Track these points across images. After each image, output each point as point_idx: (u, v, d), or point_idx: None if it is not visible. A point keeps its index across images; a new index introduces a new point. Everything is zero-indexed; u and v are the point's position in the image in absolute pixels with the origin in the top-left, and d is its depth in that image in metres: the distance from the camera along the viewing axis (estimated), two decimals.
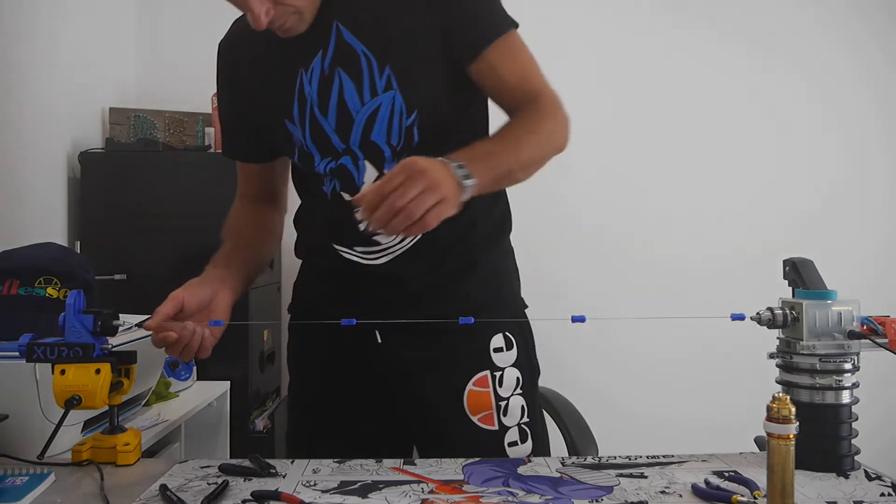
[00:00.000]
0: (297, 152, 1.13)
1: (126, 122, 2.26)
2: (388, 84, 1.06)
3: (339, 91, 1.07)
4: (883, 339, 1.02)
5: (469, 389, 1.14)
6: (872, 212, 2.73)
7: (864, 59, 2.69)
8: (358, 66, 1.06)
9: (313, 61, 1.07)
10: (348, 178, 1.10)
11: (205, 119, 2.29)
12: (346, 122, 1.08)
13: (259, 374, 2.14)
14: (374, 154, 1.09)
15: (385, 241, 1.11)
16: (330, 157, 1.10)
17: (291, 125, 1.11)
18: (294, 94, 1.09)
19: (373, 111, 1.07)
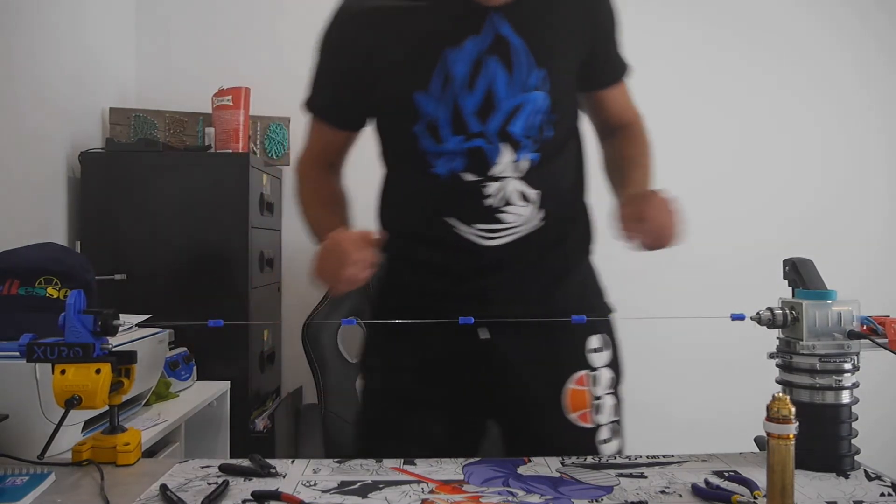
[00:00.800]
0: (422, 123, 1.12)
1: (126, 122, 2.26)
2: (541, 84, 1.11)
3: (489, 78, 1.09)
4: (883, 339, 1.02)
5: (569, 388, 1.17)
6: (872, 212, 2.73)
7: (864, 60, 2.69)
8: (514, 57, 1.09)
9: (465, 42, 1.08)
10: (481, 160, 1.11)
11: (205, 119, 2.29)
12: (488, 107, 1.10)
13: (259, 374, 2.14)
14: (510, 141, 1.11)
15: (510, 221, 1.13)
16: (462, 137, 1.11)
17: (424, 98, 1.10)
18: (434, 69, 1.09)
19: (518, 104, 1.11)
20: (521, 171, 1.13)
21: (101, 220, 2.04)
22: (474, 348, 1.17)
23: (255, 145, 2.36)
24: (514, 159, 1.12)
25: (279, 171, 2.44)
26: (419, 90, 1.10)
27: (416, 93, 1.10)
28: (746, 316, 1.06)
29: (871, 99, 2.70)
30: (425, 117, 1.11)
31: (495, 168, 1.12)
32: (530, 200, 1.13)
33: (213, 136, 2.22)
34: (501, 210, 1.12)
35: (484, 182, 1.11)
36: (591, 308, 1.21)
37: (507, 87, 1.10)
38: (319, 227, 1.18)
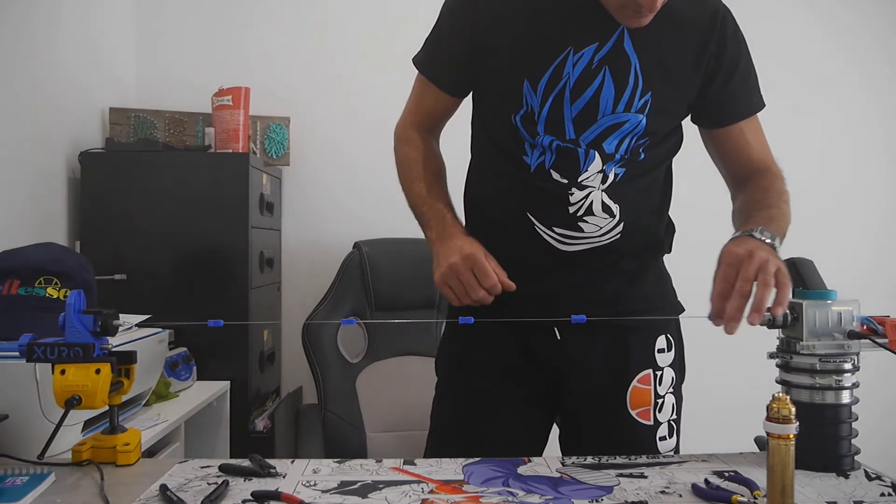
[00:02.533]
0: (522, 111, 1.12)
1: (126, 122, 2.26)
2: (643, 107, 1.11)
3: (598, 88, 1.10)
4: (883, 339, 1.02)
5: (633, 386, 1.20)
6: (872, 212, 2.73)
7: (863, 60, 2.69)
8: (626, 76, 1.10)
9: (587, 48, 1.09)
10: (572, 163, 1.12)
11: (205, 119, 2.29)
12: (587, 118, 1.11)
13: (259, 374, 2.14)
14: (601, 155, 1.13)
15: (588, 231, 1.14)
16: (555, 137, 1.12)
17: (529, 88, 1.11)
18: (551, 64, 1.09)
19: (617, 123, 1.11)
20: (606, 184, 1.14)
21: (101, 220, 2.04)
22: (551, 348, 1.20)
23: (255, 145, 2.36)
24: (603, 171, 1.13)
25: (279, 171, 2.44)
26: (529, 78, 1.11)
27: (526, 80, 1.11)
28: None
29: (870, 99, 2.70)
30: (527, 107, 1.12)
31: (583, 175, 1.13)
32: (611, 214, 1.15)
33: (213, 135, 2.22)
34: (582, 219, 1.14)
35: (570, 188, 1.13)
36: (669, 304, 1.25)
37: (612, 103, 1.10)
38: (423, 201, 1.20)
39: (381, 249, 2.16)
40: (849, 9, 2.68)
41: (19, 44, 1.83)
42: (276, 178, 2.40)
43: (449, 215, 1.18)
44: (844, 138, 2.73)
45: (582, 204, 1.13)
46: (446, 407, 1.29)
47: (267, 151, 2.39)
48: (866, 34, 2.68)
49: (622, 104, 1.11)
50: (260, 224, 2.16)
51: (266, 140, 2.39)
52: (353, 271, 2.11)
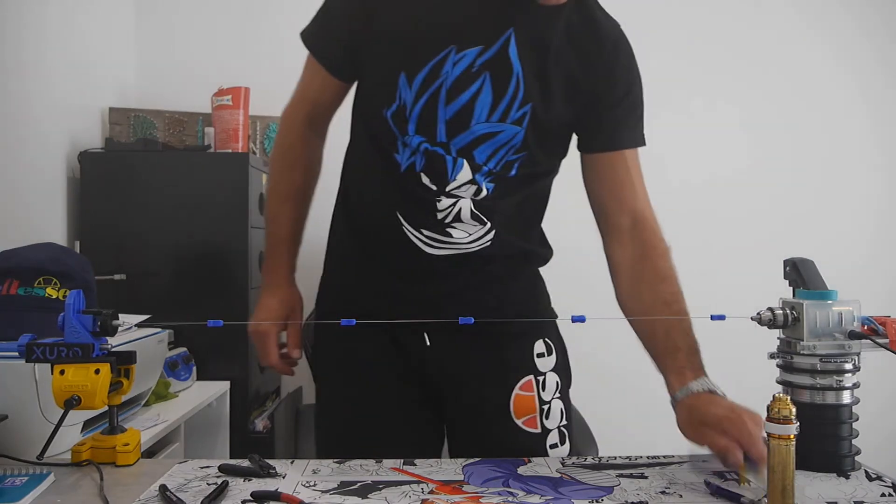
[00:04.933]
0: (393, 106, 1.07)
1: (126, 122, 2.26)
2: (521, 119, 1.07)
3: (475, 92, 1.05)
4: (884, 340, 1.01)
5: (516, 393, 1.16)
6: (872, 212, 2.73)
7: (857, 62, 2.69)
8: (506, 84, 1.05)
9: (470, 49, 1.04)
10: (439, 168, 1.08)
11: (205, 119, 2.29)
12: (461, 123, 1.06)
13: (259, 374, 2.14)
14: (471, 162, 1.08)
15: (457, 237, 1.11)
16: (426, 139, 1.07)
17: (405, 81, 1.05)
18: (430, 61, 1.04)
19: (491, 132, 1.07)
20: (478, 196, 1.10)
21: (101, 220, 2.04)
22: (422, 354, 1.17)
23: (254, 145, 2.36)
24: (474, 181, 1.09)
25: None
26: (406, 71, 1.05)
27: (403, 72, 1.05)
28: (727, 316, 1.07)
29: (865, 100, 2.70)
30: (399, 101, 1.07)
31: (452, 184, 1.09)
32: (481, 222, 1.11)
33: (212, 135, 2.22)
34: (451, 225, 1.10)
35: (438, 195, 1.09)
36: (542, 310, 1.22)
37: (487, 111, 1.06)
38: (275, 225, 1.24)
39: None
40: (845, 13, 2.68)
41: (19, 44, 1.83)
42: None
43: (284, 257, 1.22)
44: (842, 140, 2.73)
45: (450, 211, 1.09)
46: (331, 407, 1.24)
47: (267, 151, 2.39)
48: (862, 38, 2.68)
49: (498, 113, 1.06)
50: (260, 224, 2.16)
51: (266, 140, 2.39)
52: None
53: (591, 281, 1.42)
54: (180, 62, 2.51)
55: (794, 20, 2.69)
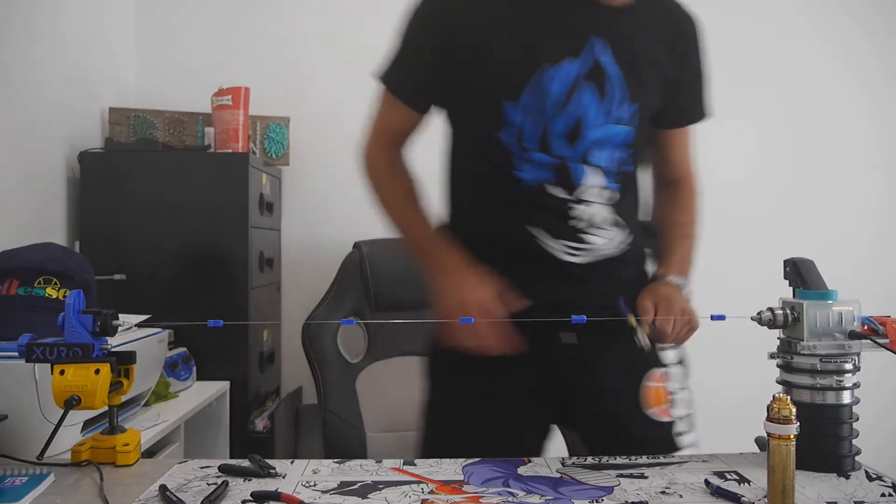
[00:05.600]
0: (503, 130, 1.10)
1: (126, 122, 2.26)
2: (629, 118, 1.11)
3: (579, 104, 1.08)
4: (884, 340, 1.01)
5: (645, 385, 1.20)
6: (872, 212, 2.73)
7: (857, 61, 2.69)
8: (606, 89, 1.09)
9: (563, 61, 1.07)
10: (565, 177, 1.10)
11: (205, 119, 2.29)
12: (573, 133, 1.09)
13: (259, 374, 2.14)
14: (593, 167, 1.12)
15: (596, 242, 1.14)
16: (546, 154, 1.10)
17: (511, 107, 1.08)
18: (528, 82, 1.07)
19: (605, 135, 1.11)
20: (606, 199, 1.14)
21: (101, 220, 2.04)
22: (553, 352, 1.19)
23: (254, 145, 2.36)
24: (603, 185, 1.13)
25: (279, 170, 2.44)
26: (508, 98, 1.08)
27: (504, 98, 1.08)
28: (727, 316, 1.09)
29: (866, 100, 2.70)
30: (511, 126, 1.10)
31: (581, 190, 1.12)
32: (617, 225, 1.16)
33: (212, 135, 2.22)
34: (587, 232, 1.13)
35: (570, 203, 1.12)
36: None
37: (596, 117, 1.09)
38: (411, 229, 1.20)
39: (381, 249, 2.16)
40: (845, 13, 2.68)
41: (19, 43, 1.83)
42: (276, 178, 2.40)
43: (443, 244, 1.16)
44: (842, 140, 2.73)
45: (584, 217, 1.13)
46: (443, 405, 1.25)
47: (267, 151, 2.39)
48: (863, 38, 2.68)
49: (606, 117, 1.10)
50: (260, 224, 2.16)
51: (266, 140, 2.39)
52: (353, 271, 2.11)
53: None
54: (180, 62, 2.51)
55: (794, 20, 2.69)
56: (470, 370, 1.18)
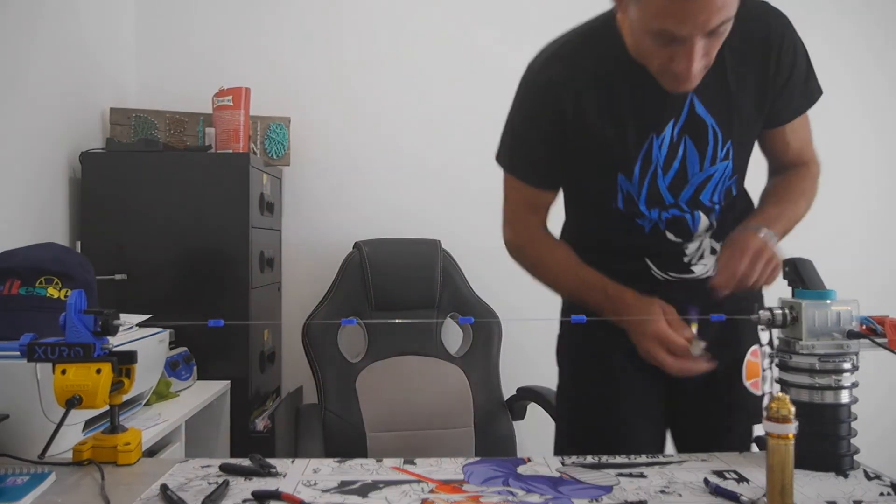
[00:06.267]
0: (619, 198, 1.20)
1: (126, 122, 2.26)
2: (727, 155, 1.18)
3: (682, 157, 1.16)
4: (882, 339, 1.02)
5: (747, 360, 1.24)
6: (872, 212, 2.73)
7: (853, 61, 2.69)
8: (705, 137, 1.16)
9: (665, 128, 1.14)
10: (682, 226, 1.21)
11: (205, 119, 2.29)
12: (680, 182, 1.18)
13: (259, 374, 2.14)
14: (701, 208, 1.21)
15: (699, 272, 1.24)
16: (658, 208, 1.20)
17: (624, 179, 1.18)
18: (639, 155, 1.16)
19: (707, 177, 1.19)
20: (712, 233, 1.23)
21: (101, 220, 2.04)
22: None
23: (255, 145, 2.36)
24: (709, 224, 1.22)
25: (279, 171, 2.44)
26: (622, 172, 1.17)
27: (620, 173, 1.17)
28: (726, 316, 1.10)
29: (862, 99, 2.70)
30: (624, 193, 1.19)
31: (695, 234, 1.22)
32: (714, 252, 1.24)
33: (213, 136, 2.22)
34: (694, 264, 1.24)
35: (684, 244, 1.22)
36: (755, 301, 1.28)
37: (698, 164, 1.17)
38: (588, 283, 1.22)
39: (381, 249, 2.16)
40: (842, 15, 2.68)
41: (19, 44, 1.83)
42: (276, 178, 2.40)
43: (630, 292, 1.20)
44: (841, 140, 2.73)
45: (696, 253, 1.24)
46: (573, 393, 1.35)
47: (267, 151, 2.39)
48: (860, 40, 2.68)
49: (707, 161, 1.17)
50: (260, 224, 2.16)
51: (266, 140, 2.39)
52: (353, 271, 2.11)
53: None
54: (180, 62, 2.51)
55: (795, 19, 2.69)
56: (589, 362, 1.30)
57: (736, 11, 1.01)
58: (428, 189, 2.52)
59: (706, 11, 0.95)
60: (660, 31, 0.99)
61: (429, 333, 2.14)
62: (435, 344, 2.15)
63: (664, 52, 1.02)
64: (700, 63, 1.01)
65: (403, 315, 2.11)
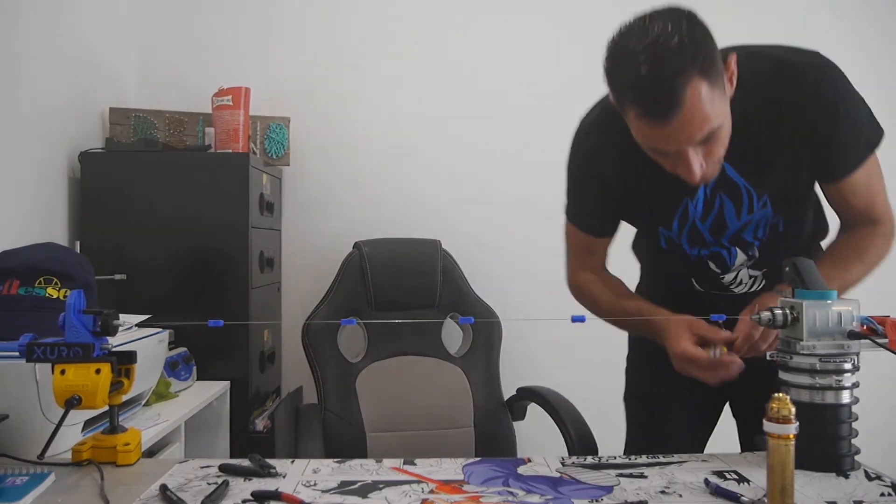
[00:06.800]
0: (663, 241, 1.31)
1: (126, 122, 2.26)
2: (764, 205, 1.22)
3: (719, 209, 1.24)
4: (883, 339, 1.02)
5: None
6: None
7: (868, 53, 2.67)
8: (738, 194, 1.22)
9: (698, 192, 1.22)
10: (721, 260, 1.30)
11: (205, 119, 2.29)
12: (720, 227, 1.25)
13: (259, 374, 2.14)
14: (742, 245, 1.27)
15: (739, 290, 1.33)
16: (700, 247, 1.29)
17: (664, 230, 1.29)
18: (676, 213, 1.25)
19: (745, 223, 1.25)
20: (751, 263, 1.30)
21: (101, 220, 2.04)
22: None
23: (255, 145, 2.36)
24: (747, 258, 1.29)
25: (279, 171, 2.44)
26: (662, 226, 1.29)
27: (660, 226, 1.29)
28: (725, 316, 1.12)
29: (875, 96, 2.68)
30: (665, 239, 1.31)
31: (731, 267, 1.30)
32: (752, 278, 1.32)
33: (213, 136, 2.22)
34: (734, 285, 1.33)
35: (722, 274, 1.31)
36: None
37: (735, 215, 1.23)
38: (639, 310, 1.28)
39: (381, 249, 2.16)
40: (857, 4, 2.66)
41: (19, 43, 1.83)
42: (276, 178, 2.40)
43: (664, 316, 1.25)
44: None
45: (731, 280, 1.32)
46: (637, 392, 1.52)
47: (267, 151, 2.39)
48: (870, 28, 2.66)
49: (744, 213, 1.23)
50: (260, 224, 2.16)
51: (266, 140, 2.39)
52: (353, 271, 2.11)
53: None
54: (180, 62, 2.51)
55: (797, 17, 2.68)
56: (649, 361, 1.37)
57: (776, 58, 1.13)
58: (428, 189, 2.52)
59: (687, 130, 1.01)
60: (652, 149, 1.09)
61: (429, 333, 2.14)
62: (435, 344, 2.15)
63: (666, 161, 1.10)
64: (701, 166, 1.07)
65: (403, 315, 2.11)
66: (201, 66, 2.49)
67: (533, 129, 2.47)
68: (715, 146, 1.06)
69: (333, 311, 2.04)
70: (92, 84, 2.23)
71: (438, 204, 2.51)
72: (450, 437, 2.04)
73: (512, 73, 2.52)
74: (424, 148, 2.53)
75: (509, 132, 2.49)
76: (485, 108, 2.52)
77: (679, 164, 1.07)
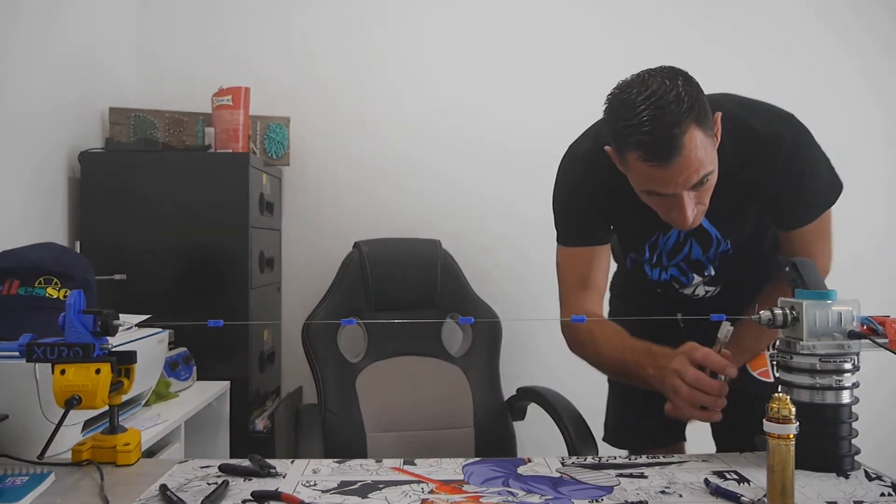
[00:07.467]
0: (630, 263, 1.47)
1: (126, 122, 2.25)
2: (727, 247, 1.34)
3: (688, 252, 1.36)
4: (883, 339, 1.02)
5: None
6: (871, 212, 2.73)
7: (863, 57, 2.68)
8: (709, 241, 1.34)
9: (670, 231, 1.32)
10: (678, 281, 1.42)
11: (205, 119, 2.29)
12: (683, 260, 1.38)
13: (259, 374, 2.14)
14: (697, 267, 1.39)
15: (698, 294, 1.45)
16: (660, 269, 1.41)
17: (634, 256, 1.43)
18: (646, 243, 1.37)
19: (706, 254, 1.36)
20: (707, 281, 1.41)
21: (101, 220, 2.04)
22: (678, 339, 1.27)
23: (254, 145, 2.36)
24: (703, 277, 1.40)
25: (279, 171, 2.44)
26: (635, 252, 1.42)
27: (631, 252, 1.43)
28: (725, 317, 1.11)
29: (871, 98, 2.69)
30: (633, 262, 1.44)
31: (690, 286, 1.42)
32: (706, 291, 1.44)
33: (212, 135, 2.21)
34: (693, 296, 1.45)
35: (681, 290, 1.44)
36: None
37: (701, 256, 1.36)
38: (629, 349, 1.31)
39: (381, 249, 2.16)
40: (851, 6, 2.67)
41: (19, 43, 1.83)
42: (276, 178, 2.40)
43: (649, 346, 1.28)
44: (843, 140, 2.72)
45: (691, 294, 1.44)
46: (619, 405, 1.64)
47: (267, 151, 2.39)
48: (867, 32, 2.67)
49: (710, 253, 1.35)
50: (260, 224, 2.16)
51: (266, 140, 2.39)
52: (353, 271, 2.11)
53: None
54: (180, 62, 2.51)
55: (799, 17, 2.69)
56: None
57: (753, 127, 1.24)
58: (428, 189, 2.51)
59: (685, 172, 1.09)
60: (649, 192, 1.16)
61: (429, 333, 2.14)
62: (435, 344, 2.15)
63: (660, 204, 1.17)
64: (693, 210, 1.15)
65: (403, 315, 2.11)
66: (201, 66, 2.49)
67: (533, 129, 2.47)
68: (704, 193, 1.16)
69: (333, 311, 2.04)
70: (92, 84, 2.23)
71: (438, 204, 2.51)
72: (450, 437, 2.03)
73: (512, 73, 2.52)
74: (425, 148, 2.53)
75: (509, 132, 2.49)
76: (485, 108, 2.52)
77: (674, 208, 1.15)
